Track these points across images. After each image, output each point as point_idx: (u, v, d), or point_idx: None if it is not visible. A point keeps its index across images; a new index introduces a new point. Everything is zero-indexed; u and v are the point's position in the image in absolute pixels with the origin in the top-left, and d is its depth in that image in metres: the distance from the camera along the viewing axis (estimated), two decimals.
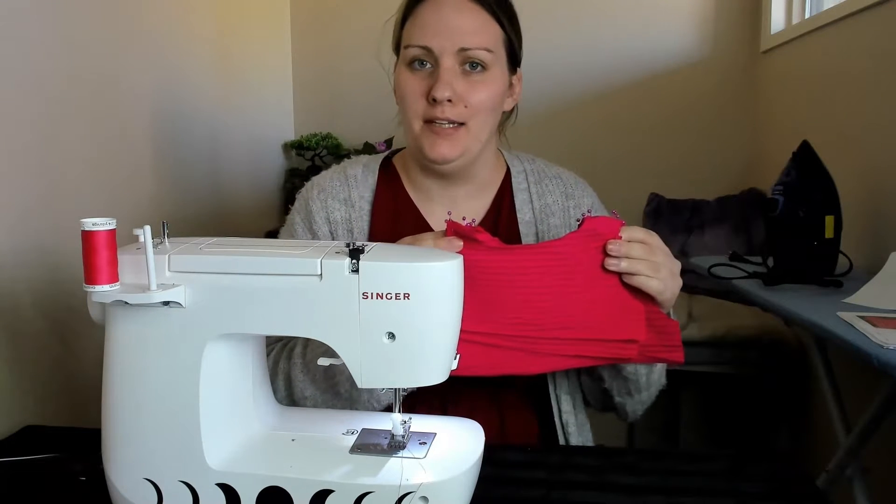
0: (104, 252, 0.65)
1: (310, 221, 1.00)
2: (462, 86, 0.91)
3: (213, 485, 0.68)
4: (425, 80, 0.92)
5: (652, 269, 0.79)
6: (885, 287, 1.26)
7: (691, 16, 2.47)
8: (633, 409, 0.98)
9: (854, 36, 1.69)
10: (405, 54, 0.94)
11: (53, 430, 0.99)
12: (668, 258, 0.81)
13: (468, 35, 0.91)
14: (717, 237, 2.22)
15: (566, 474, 0.82)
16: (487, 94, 0.93)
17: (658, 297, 0.80)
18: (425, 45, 0.91)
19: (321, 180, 1.03)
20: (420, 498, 0.65)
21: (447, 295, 0.67)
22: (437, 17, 0.92)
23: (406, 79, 0.94)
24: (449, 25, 0.91)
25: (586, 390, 1.01)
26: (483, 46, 0.92)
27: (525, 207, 1.02)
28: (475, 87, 0.92)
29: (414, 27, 0.93)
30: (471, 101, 0.92)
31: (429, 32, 0.91)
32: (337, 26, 2.64)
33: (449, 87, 0.90)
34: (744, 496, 0.77)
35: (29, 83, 1.16)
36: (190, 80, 1.83)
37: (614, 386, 0.94)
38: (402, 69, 0.95)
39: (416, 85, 0.93)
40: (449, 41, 0.90)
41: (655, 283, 0.79)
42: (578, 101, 2.56)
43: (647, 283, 0.79)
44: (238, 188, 2.17)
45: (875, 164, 1.57)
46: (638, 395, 0.94)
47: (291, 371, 0.92)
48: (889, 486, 1.46)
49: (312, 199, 1.01)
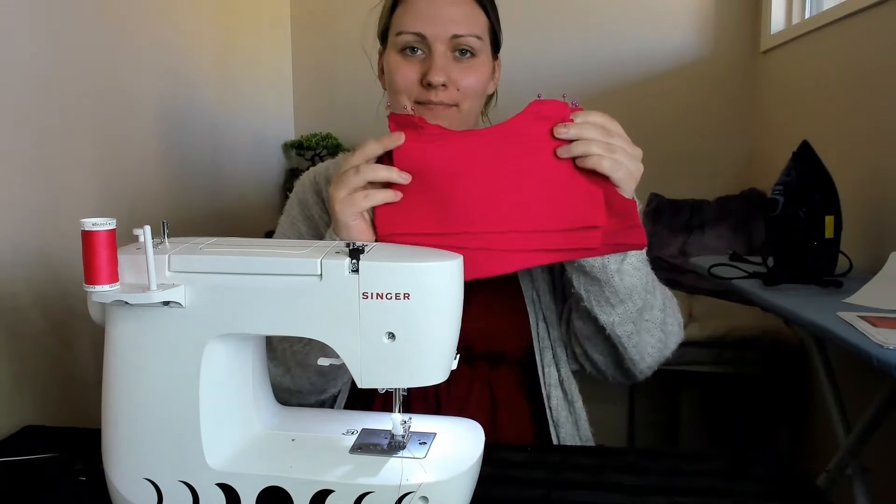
0: (104, 252, 0.65)
1: (306, 204, 1.04)
2: (454, 71, 0.95)
3: (213, 485, 0.68)
4: (418, 65, 0.96)
5: (604, 149, 0.77)
6: (885, 287, 1.26)
7: (691, 16, 2.47)
8: (629, 338, 0.91)
9: (854, 36, 1.69)
10: (397, 41, 0.97)
11: (53, 430, 0.99)
12: (626, 142, 0.79)
13: (459, 23, 0.95)
14: (717, 237, 2.22)
15: (566, 474, 0.82)
16: (476, 79, 0.97)
17: (612, 175, 0.78)
18: (419, 31, 0.95)
19: (317, 168, 1.09)
20: (420, 498, 0.65)
21: (447, 295, 0.67)
22: (430, 6, 0.95)
23: (398, 64, 0.97)
24: (441, 14, 0.95)
25: (583, 340, 0.97)
26: (473, 34, 0.96)
27: None
28: (465, 71, 0.96)
29: (406, 15, 0.96)
30: (462, 84, 0.96)
31: (422, 20, 0.95)
32: (337, 26, 2.64)
33: (443, 72, 0.94)
34: (744, 496, 0.77)
35: (29, 84, 1.16)
36: (190, 81, 1.83)
37: (590, 295, 0.88)
38: (394, 55, 0.98)
39: (408, 70, 0.96)
40: (442, 28, 0.94)
41: (608, 162, 0.77)
42: (578, 101, 2.56)
43: (599, 162, 0.77)
44: (238, 188, 2.17)
45: (875, 164, 1.57)
46: (622, 306, 0.88)
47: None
48: (889, 486, 1.46)
49: (308, 182, 1.06)
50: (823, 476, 1.46)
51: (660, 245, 2.26)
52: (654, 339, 0.93)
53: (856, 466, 1.41)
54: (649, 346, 0.93)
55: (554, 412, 0.99)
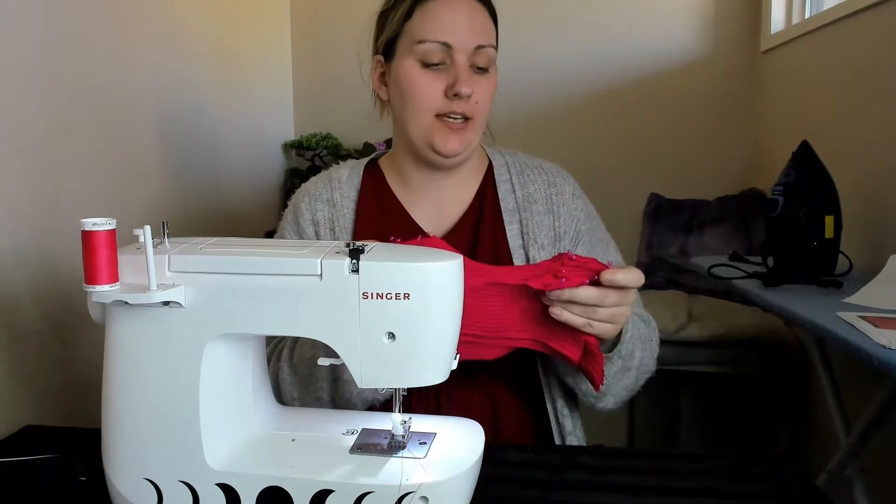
0: (104, 252, 0.65)
1: (297, 223, 1.04)
2: (474, 82, 0.95)
3: (213, 485, 0.68)
4: (440, 76, 0.95)
5: (586, 325, 0.81)
6: (885, 288, 1.26)
7: (691, 16, 2.47)
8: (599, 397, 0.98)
9: (854, 36, 1.69)
10: (416, 49, 0.94)
11: (53, 430, 0.99)
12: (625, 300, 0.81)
13: (481, 34, 0.95)
14: (717, 237, 2.22)
15: (566, 474, 0.82)
16: (491, 91, 0.98)
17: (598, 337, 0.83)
18: (444, 40, 0.93)
19: (308, 186, 1.08)
20: (420, 498, 0.65)
21: (447, 295, 0.67)
22: (453, 15, 0.94)
23: (418, 74, 0.95)
24: (464, 23, 0.94)
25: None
26: (492, 44, 0.97)
27: (508, 197, 1.04)
28: (481, 84, 0.96)
29: (427, 23, 0.94)
30: (480, 96, 0.96)
31: (446, 29, 0.93)
32: (337, 27, 2.64)
33: (470, 83, 0.94)
34: (744, 496, 0.77)
35: (29, 84, 1.16)
36: (190, 81, 1.83)
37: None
38: (413, 64, 0.95)
39: (430, 81, 0.94)
40: (466, 39, 0.94)
41: (580, 321, 0.81)
42: (579, 101, 2.56)
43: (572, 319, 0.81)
44: (238, 188, 2.17)
45: (875, 164, 1.57)
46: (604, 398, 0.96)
47: (280, 373, 0.95)
48: (889, 486, 1.46)
49: (300, 202, 1.06)
50: (823, 476, 1.46)
51: (660, 245, 2.26)
52: (626, 393, 0.98)
53: (856, 466, 1.41)
54: (620, 397, 0.98)
55: (560, 419, 1.00)
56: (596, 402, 0.97)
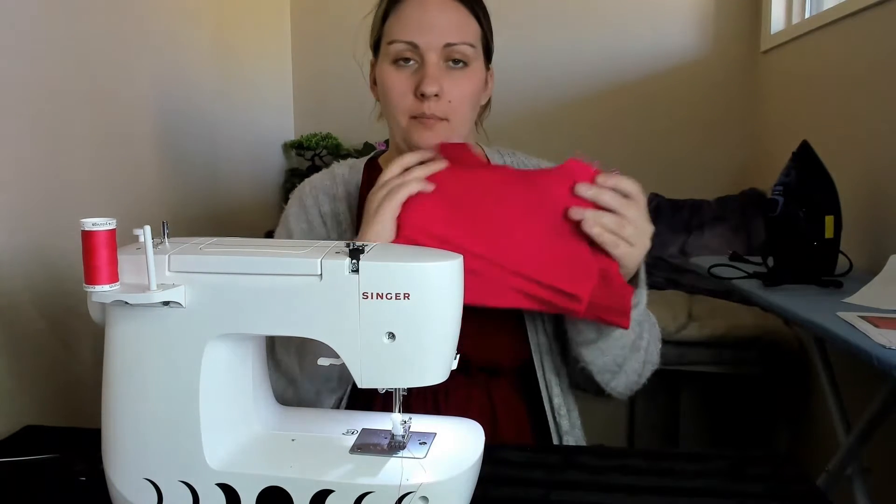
0: (104, 252, 0.65)
1: (305, 213, 1.04)
2: (446, 80, 0.93)
3: (213, 485, 0.68)
4: (411, 76, 0.94)
5: (614, 223, 0.80)
6: (885, 288, 1.26)
7: (691, 15, 2.47)
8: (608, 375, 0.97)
9: (854, 36, 1.69)
10: (389, 50, 0.95)
11: (53, 430, 0.99)
12: (640, 216, 0.82)
13: (452, 31, 0.94)
14: (717, 237, 2.23)
15: (566, 474, 0.82)
16: (470, 89, 0.96)
17: (611, 251, 0.81)
18: (411, 40, 0.93)
19: (312, 179, 1.08)
20: (420, 498, 0.65)
21: (447, 295, 0.67)
22: (422, 14, 0.93)
23: (391, 75, 0.95)
24: (433, 22, 0.93)
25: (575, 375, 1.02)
26: (466, 41, 0.94)
27: None
28: (458, 81, 0.94)
29: (398, 24, 0.95)
30: (454, 95, 0.94)
31: (414, 29, 0.93)
32: (337, 27, 2.63)
33: (436, 82, 0.92)
34: (744, 496, 0.77)
35: (29, 83, 1.16)
36: (190, 80, 1.83)
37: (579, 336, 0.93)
38: (386, 66, 0.96)
39: (402, 81, 0.94)
40: (434, 37, 0.93)
41: (609, 237, 0.80)
42: (578, 101, 2.56)
43: (601, 234, 0.80)
44: (238, 188, 2.17)
45: (875, 164, 1.57)
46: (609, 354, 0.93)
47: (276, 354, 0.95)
48: (889, 486, 1.46)
49: (305, 194, 1.05)
50: (823, 476, 1.46)
51: (660, 245, 2.26)
52: (635, 378, 0.97)
53: (856, 466, 1.41)
54: (630, 378, 0.97)
55: (558, 418, 1.00)
56: (610, 379, 0.95)
